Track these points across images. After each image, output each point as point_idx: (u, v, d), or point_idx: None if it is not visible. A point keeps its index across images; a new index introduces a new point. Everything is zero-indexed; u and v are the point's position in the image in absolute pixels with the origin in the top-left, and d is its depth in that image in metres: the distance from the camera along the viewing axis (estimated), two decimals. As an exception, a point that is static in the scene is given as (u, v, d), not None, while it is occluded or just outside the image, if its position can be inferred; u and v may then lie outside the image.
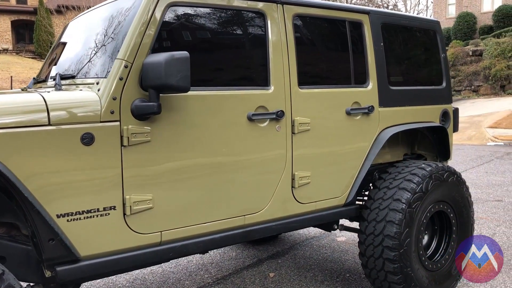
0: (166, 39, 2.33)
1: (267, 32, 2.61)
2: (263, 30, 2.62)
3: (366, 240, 3.03)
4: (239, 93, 2.49)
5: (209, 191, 2.40)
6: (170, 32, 2.36)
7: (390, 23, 3.27)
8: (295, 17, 2.76)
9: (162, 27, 2.28)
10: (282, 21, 2.67)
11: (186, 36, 2.43)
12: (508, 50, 20.05)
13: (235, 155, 2.47)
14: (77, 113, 2.04)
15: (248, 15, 2.60)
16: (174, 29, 2.39)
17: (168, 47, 2.32)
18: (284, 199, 2.70)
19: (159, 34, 2.26)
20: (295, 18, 2.77)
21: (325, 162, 2.88)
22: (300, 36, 2.84)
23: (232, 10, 2.54)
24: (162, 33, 2.29)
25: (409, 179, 3.03)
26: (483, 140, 13.71)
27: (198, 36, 2.48)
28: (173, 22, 2.36)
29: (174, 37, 2.38)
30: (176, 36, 2.39)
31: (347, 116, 2.96)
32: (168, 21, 2.32)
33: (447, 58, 3.68)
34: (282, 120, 2.62)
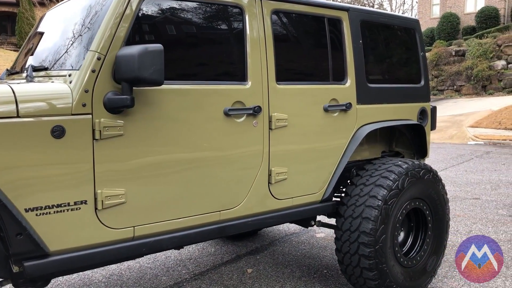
0: (141, 32, 2.30)
1: (245, 27, 2.60)
2: (241, 25, 2.60)
3: (342, 236, 3.04)
4: (216, 88, 2.47)
5: (184, 186, 2.38)
6: (146, 25, 2.33)
7: (369, 20, 3.28)
8: (274, 13, 2.75)
9: (137, 20, 2.25)
10: (261, 16, 2.66)
11: (162, 29, 2.40)
12: (489, 51, 20.36)
13: (211, 150, 2.46)
14: (47, 106, 2.00)
15: (226, 9, 2.58)
16: (150, 22, 2.36)
17: (143, 40, 2.28)
18: (261, 195, 2.69)
19: (133, 26, 2.23)
20: (274, 14, 2.75)
21: (302, 158, 2.88)
22: (279, 32, 2.83)
23: (209, 4, 2.52)
24: (137, 26, 2.26)
25: (386, 176, 3.05)
26: (464, 139, 13.91)
27: (174, 30, 2.45)
28: (149, 14, 2.32)
29: (149, 30, 2.35)
30: (152, 29, 2.36)
31: (325, 113, 2.97)
32: (144, 13, 2.29)
33: (425, 57, 3.71)
34: (259, 115, 2.62)
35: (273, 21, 2.75)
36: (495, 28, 22.35)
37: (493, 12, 23.74)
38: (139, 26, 2.28)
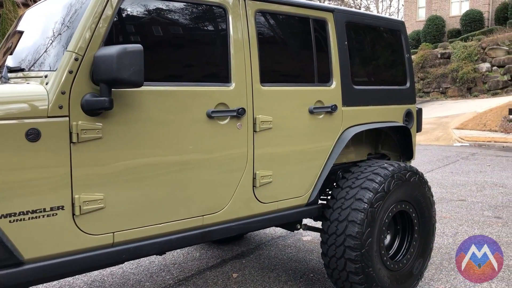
0: (121, 32, 2.24)
1: (228, 27, 2.55)
2: (225, 25, 2.55)
3: (328, 240, 3.01)
4: (198, 90, 2.42)
5: (166, 190, 2.32)
6: (126, 25, 2.27)
7: (354, 22, 3.26)
8: (258, 13, 2.71)
9: (117, 19, 2.19)
10: (244, 17, 2.61)
11: (143, 29, 2.34)
12: (474, 54, 20.61)
13: (193, 153, 2.40)
14: (22, 108, 1.93)
15: (209, 10, 2.53)
16: (130, 22, 2.30)
17: (123, 40, 2.22)
18: (245, 198, 2.64)
19: (113, 26, 2.17)
20: (258, 14, 2.71)
21: (287, 161, 2.84)
22: (263, 33, 2.78)
23: (192, 3, 2.46)
24: (116, 26, 2.20)
25: (371, 179, 3.02)
26: (450, 141, 14.03)
27: (155, 30, 2.40)
28: (129, 14, 2.26)
29: (129, 30, 2.29)
30: (132, 29, 2.30)
31: (310, 115, 2.93)
32: (124, 13, 2.23)
33: (411, 59, 3.70)
34: (243, 118, 2.57)
35: (257, 22, 2.71)
36: (480, 31, 22.65)
37: (478, 16, 24.07)
38: (119, 26, 2.22)
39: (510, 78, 19.42)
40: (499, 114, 15.50)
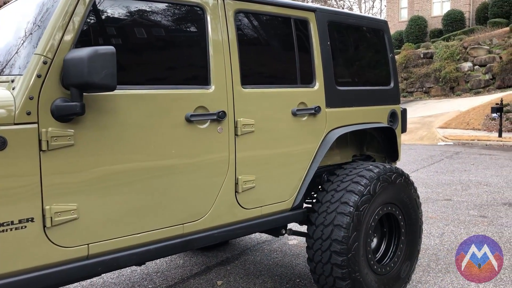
0: (92, 33, 2.13)
1: (206, 28, 2.46)
2: (203, 26, 2.46)
3: (314, 245, 2.93)
4: (176, 93, 2.32)
5: (143, 198, 2.22)
6: (97, 26, 2.16)
7: (337, 21, 3.20)
8: (238, 13, 2.63)
9: (88, 20, 2.08)
10: (223, 17, 2.53)
11: (116, 30, 2.24)
12: (456, 53, 20.82)
13: (172, 159, 2.30)
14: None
15: (186, 9, 2.44)
16: (102, 23, 2.19)
17: (95, 42, 2.11)
18: (227, 205, 2.55)
19: (84, 27, 2.06)
20: (238, 14, 2.63)
21: (271, 165, 2.76)
22: (243, 33, 2.70)
23: (168, 3, 2.37)
24: (87, 27, 2.09)
25: (357, 181, 2.96)
26: (434, 140, 14.13)
27: (130, 31, 2.29)
28: (101, 14, 2.16)
29: (101, 31, 2.18)
30: (105, 30, 2.20)
31: (293, 117, 2.85)
32: (95, 13, 2.12)
33: (394, 58, 3.65)
34: (224, 121, 2.48)
35: (237, 22, 2.62)
36: (461, 30, 22.90)
37: (459, 15, 24.34)
38: (90, 27, 2.11)
39: (491, 77, 19.66)
40: (481, 112, 15.67)
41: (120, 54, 2.14)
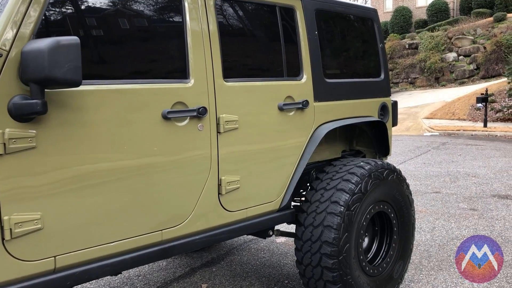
0: (55, 22, 1.91)
1: (184, 17, 2.26)
2: (180, 15, 2.26)
3: (303, 247, 2.77)
4: (151, 87, 2.12)
5: (116, 203, 2.02)
6: (61, 14, 1.94)
7: (324, 9, 3.01)
8: (219, 1, 2.42)
9: (51, 8, 1.86)
10: (203, 5, 2.32)
11: (84, 19, 2.02)
12: (441, 44, 20.85)
13: (147, 159, 2.11)
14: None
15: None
16: (67, 11, 1.97)
17: (57, 32, 1.90)
18: (210, 208, 2.37)
19: (46, 15, 1.84)
20: (219, 2, 2.43)
21: (256, 164, 2.58)
22: (225, 23, 2.50)
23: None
24: (50, 15, 1.87)
25: (347, 179, 2.80)
26: (420, 130, 14.12)
27: (99, 20, 2.08)
28: (66, 1, 1.94)
29: (66, 20, 1.96)
30: (69, 20, 1.98)
31: (280, 112, 2.67)
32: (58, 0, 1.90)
33: (385, 49, 3.49)
34: (204, 117, 2.29)
35: (218, 11, 2.42)
36: (446, 21, 22.94)
37: (443, 6, 24.38)
38: (53, 16, 1.89)
39: (476, 67, 19.73)
40: (466, 103, 15.71)
41: (87, 45, 1.93)
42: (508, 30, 18.97)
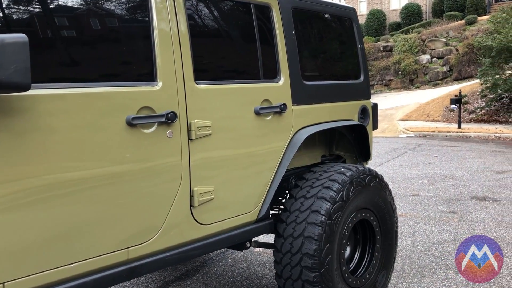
0: (3, 18, 1.70)
1: (151, 16, 2.06)
2: (147, 13, 2.07)
3: (282, 259, 2.61)
4: (113, 91, 1.92)
5: (74, 219, 1.81)
6: (10, 8, 1.73)
7: (302, 8, 2.86)
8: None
9: (3, 4, 1.65)
10: (172, 4, 2.14)
11: (36, 15, 1.80)
12: (415, 46, 21.10)
13: (109, 169, 1.90)
14: None
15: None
16: (20, 8, 1.75)
17: (6, 29, 1.68)
18: (181, 222, 2.18)
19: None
20: (189, 0, 2.24)
21: (232, 173, 2.40)
22: (197, 22, 2.33)
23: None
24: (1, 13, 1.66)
25: (328, 187, 2.65)
26: (396, 132, 14.19)
27: (54, 18, 1.86)
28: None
29: (16, 16, 1.75)
30: (20, 15, 1.76)
31: (256, 116, 2.51)
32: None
33: (364, 50, 3.37)
34: (174, 123, 2.10)
35: (189, 9, 2.24)
36: (419, 24, 23.27)
37: (416, 9, 24.74)
38: (7, 12, 1.68)
39: (449, 69, 20.04)
40: (441, 104, 15.89)
41: (40, 45, 1.72)
42: (479, 32, 19.34)
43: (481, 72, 14.06)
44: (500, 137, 11.85)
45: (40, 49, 1.73)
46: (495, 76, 13.35)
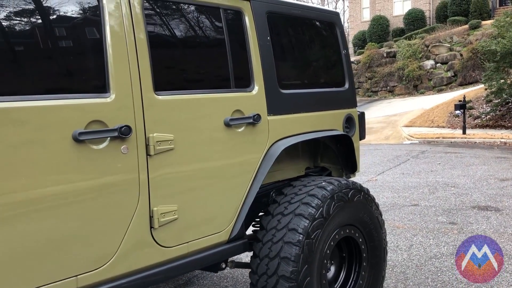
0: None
1: (103, 20, 1.91)
2: (98, 17, 1.91)
3: (258, 282, 2.42)
4: (56, 105, 1.75)
5: (14, 244, 1.64)
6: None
7: (278, 12, 2.70)
8: (147, 1, 2.09)
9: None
10: (127, 6, 1.98)
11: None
12: (418, 52, 20.88)
13: (56, 189, 1.74)
14: None
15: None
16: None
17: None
18: (140, 245, 2.00)
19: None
20: (148, 3, 2.09)
21: (198, 190, 2.23)
22: (157, 28, 2.17)
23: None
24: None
25: (307, 202, 2.47)
26: (400, 139, 13.94)
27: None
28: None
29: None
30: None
31: (227, 128, 2.33)
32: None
33: (349, 55, 3.19)
34: (129, 138, 1.93)
35: (148, 13, 2.09)
36: (422, 29, 23.04)
37: (420, 14, 24.52)
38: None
39: (453, 74, 19.79)
40: (445, 110, 15.63)
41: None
42: (483, 37, 19.09)
43: (486, 77, 13.80)
44: (506, 142, 11.57)
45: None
46: (500, 81, 13.09)
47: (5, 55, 1.71)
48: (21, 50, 1.77)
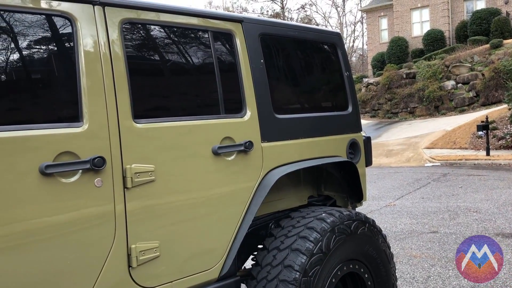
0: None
1: (77, 45, 1.80)
2: (71, 42, 1.81)
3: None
4: (23, 135, 1.64)
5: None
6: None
7: (272, 34, 2.57)
8: (126, 24, 1.98)
9: None
10: (104, 30, 1.88)
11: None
12: (439, 72, 20.53)
13: (20, 226, 1.61)
14: None
15: (47, 19, 1.78)
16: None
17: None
18: (116, 286, 1.84)
19: None
20: (126, 26, 1.99)
21: (183, 224, 2.07)
22: (136, 52, 2.06)
23: (20, 12, 1.71)
24: None
25: (304, 236, 2.28)
26: (421, 161, 13.54)
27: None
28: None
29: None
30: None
31: (215, 157, 2.18)
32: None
33: (352, 78, 3.02)
34: (103, 170, 1.80)
35: (127, 36, 1.98)
36: (442, 49, 22.72)
37: (439, 35, 24.23)
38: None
39: (475, 95, 19.33)
40: (467, 131, 15.19)
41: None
42: (505, 56, 18.66)
43: (509, 96, 13.39)
44: (532, 164, 11.09)
45: None
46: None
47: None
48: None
